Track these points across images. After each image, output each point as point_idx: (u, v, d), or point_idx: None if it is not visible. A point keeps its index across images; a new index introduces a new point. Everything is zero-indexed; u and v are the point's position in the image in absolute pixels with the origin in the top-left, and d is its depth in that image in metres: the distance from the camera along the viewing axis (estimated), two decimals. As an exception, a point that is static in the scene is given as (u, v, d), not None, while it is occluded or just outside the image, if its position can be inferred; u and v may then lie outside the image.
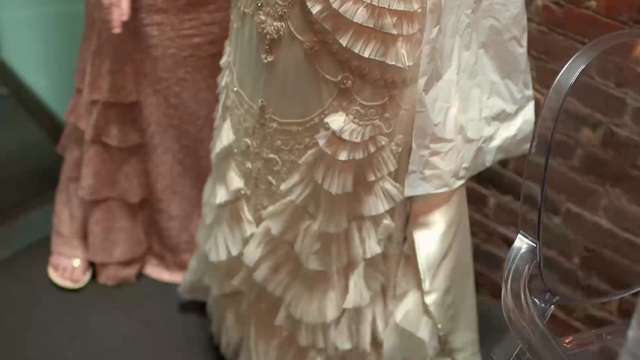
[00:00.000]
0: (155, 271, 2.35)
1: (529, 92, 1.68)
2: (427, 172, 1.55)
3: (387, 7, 1.39)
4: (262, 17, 1.47)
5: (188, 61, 2.03)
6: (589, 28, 1.92)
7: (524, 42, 1.63)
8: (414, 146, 1.52)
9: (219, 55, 2.00)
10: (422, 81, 1.47)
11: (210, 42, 2.01)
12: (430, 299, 1.67)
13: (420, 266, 1.64)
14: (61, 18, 2.66)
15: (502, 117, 1.65)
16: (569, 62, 1.37)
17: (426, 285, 1.66)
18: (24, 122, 2.85)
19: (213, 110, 2.09)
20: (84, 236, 2.29)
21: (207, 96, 2.08)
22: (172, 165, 2.17)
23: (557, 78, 1.56)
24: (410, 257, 1.68)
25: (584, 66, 1.47)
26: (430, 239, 1.64)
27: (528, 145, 1.61)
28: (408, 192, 1.56)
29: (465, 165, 1.59)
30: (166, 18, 1.96)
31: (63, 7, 2.11)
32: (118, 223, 2.24)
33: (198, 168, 2.20)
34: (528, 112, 1.69)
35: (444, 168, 1.56)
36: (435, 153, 1.54)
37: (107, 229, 2.24)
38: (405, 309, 1.68)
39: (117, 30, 1.87)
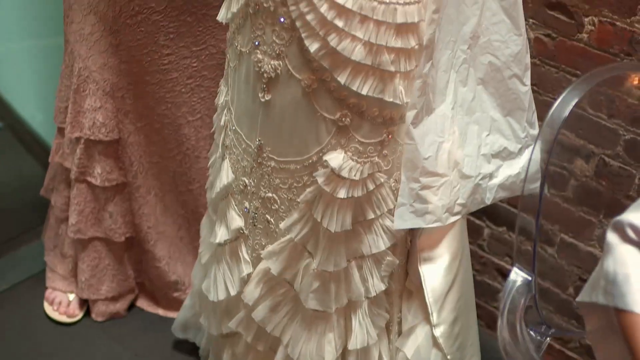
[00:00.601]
0: (150, 306, 2.35)
1: (534, 131, 1.68)
2: (418, 206, 1.55)
3: (384, 44, 1.40)
4: (259, 56, 1.48)
5: (168, 97, 2.03)
6: (580, 60, 1.94)
7: (527, 81, 1.62)
8: (403, 178, 1.53)
9: (198, 90, 2.02)
10: (410, 114, 1.47)
11: (189, 77, 2.02)
12: (438, 332, 1.67)
13: (427, 300, 1.64)
14: (57, 51, 2.67)
15: (504, 155, 1.65)
16: (562, 96, 1.39)
17: (434, 318, 1.66)
18: (20, 155, 2.85)
19: (191, 146, 2.10)
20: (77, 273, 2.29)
21: (186, 132, 2.08)
22: (155, 204, 2.17)
23: (550, 112, 1.58)
24: (415, 291, 1.68)
25: (576, 100, 1.49)
26: (435, 272, 1.64)
27: (533, 185, 1.62)
28: (397, 224, 1.56)
29: (460, 201, 1.60)
30: (146, 54, 1.97)
31: (59, 40, 2.11)
32: (105, 261, 2.23)
33: (177, 206, 2.20)
34: (534, 152, 1.67)
35: (436, 203, 1.56)
36: (426, 187, 1.54)
37: (93, 266, 2.23)
38: (416, 344, 1.68)
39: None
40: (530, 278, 1.61)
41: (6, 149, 2.90)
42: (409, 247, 1.67)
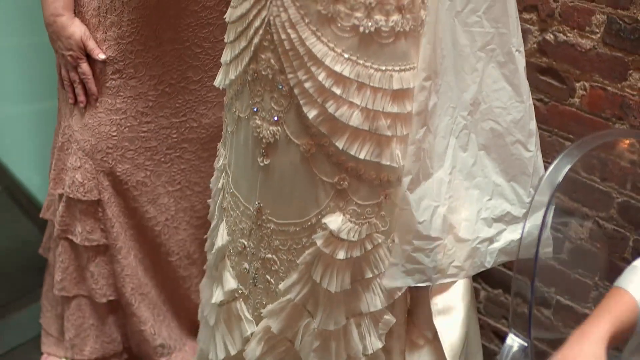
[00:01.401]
0: None
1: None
2: (409, 266, 1.56)
3: (381, 109, 1.43)
4: (258, 122, 1.50)
5: (147, 165, 2.05)
6: (573, 124, 1.97)
7: (531, 147, 1.63)
8: (396, 240, 1.54)
9: (178, 162, 2.03)
10: (406, 180, 1.49)
11: (168, 148, 2.04)
12: None
13: (446, 354, 1.63)
14: (54, 114, 2.70)
15: (507, 219, 1.65)
16: (555, 162, 1.41)
17: None
18: (17, 218, 2.86)
19: (171, 216, 2.10)
20: None
21: (165, 202, 2.08)
22: (136, 266, 2.16)
23: (544, 178, 1.60)
24: (425, 345, 1.66)
25: (569, 166, 1.51)
26: (452, 326, 1.63)
27: (547, 249, 1.63)
28: (386, 283, 1.57)
29: (456, 263, 1.60)
30: (125, 120, 1.99)
31: (56, 103, 2.15)
32: (89, 320, 2.22)
33: (158, 269, 2.20)
34: (538, 217, 1.66)
35: (427, 264, 1.56)
36: (418, 249, 1.55)
37: (77, 325, 2.22)
38: None
39: (82, 103, 1.95)
40: (526, 344, 1.61)
41: (3, 211, 2.91)
42: (408, 306, 1.67)
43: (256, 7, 1.45)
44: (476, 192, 1.62)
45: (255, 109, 1.51)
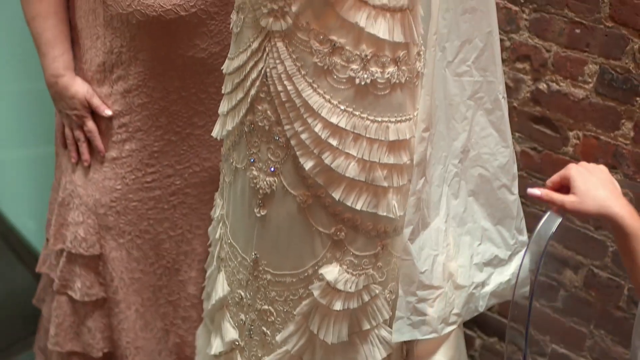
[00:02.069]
0: None
1: (523, 237, 1.72)
2: (415, 318, 1.56)
3: (377, 160, 1.44)
4: (255, 173, 1.51)
5: (150, 214, 2.03)
6: (566, 173, 1.99)
7: (515, 190, 1.67)
8: (400, 292, 1.55)
9: (180, 207, 2.03)
10: (407, 230, 1.50)
11: (172, 194, 2.03)
12: None
13: None
14: (50, 160, 2.71)
15: (495, 262, 1.68)
16: (547, 214, 1.42)
17: None
18: (12, 265, 2.85)
19: (172, 259, 2.08)
20: None
21: (167, 247, 2.07)
22: (135, 320, 2.13)
23: (537, 229, 1.61)
24: None
25: (560, 219, 1.52)
26: None
27: (523, 289, 1.64)
28: (395, 338, 1.57)
29: (455, 311, 1.61)
30: (130, 173, 1.97)
31: (53, 149, 2.15)
32: None
33: (157, 320, 2.17)
34: (524, 261, 1.70)
35: (432, 315, 1.57)
36: (422, 300, 1.56)
37: None
38: None
39: (86, 162, 1.94)
40: (522, 393, 1.61)
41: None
42: (404, 356, 1.67)
43: (253, 59, 1.46)
44: (468, 238, 1.64)
45: (252, 160, 1.52)
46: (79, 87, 1.91)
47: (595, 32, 1.89)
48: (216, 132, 1.62)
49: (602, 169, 1.35)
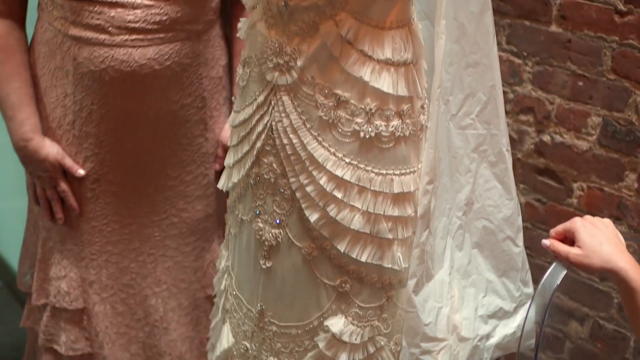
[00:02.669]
0: None
1: (528, 289, 1.71)
2: None
3: (382, 213, 1.45)
4: (260, 225, 1.52)
5: (132, 267, 2.01)
6: (571, 224, 1.99)
7: (520, 242, 1.67)
8: (404, 344, 1.54)
9: (162, 260, 2.01)
10: (411, 282, 1.51)
11: (152, 247, 2.00)
12: None
13: None
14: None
15: (500, 315, 1.67)
16: (552, 266, 1.42)
17: None
18: (18, 314, 2.84)
19: (160, 317, 2.04)
20: None
21: (153, 303, 2.04)
22: None
23: (543, 281, 1.61)
24: None
25: (565, 272, 1.52)
26: None
27: (529, 342, 1.64)
28: None
29: None
30: (106, 225, 1.96)
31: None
32: None
33: None
34: (530, 312, 1.70)
35: None
36: (426, 352, 1.55)
37: None
38: None
39: (61, 220, 1.92)
40: None
41: (3, 307, 2.90)
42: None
43: (259, 113, 1.48)
44: (472, 291, 1.64)
45: (257, 212, 1.53)
46: (49, 149, 1.88)
47: (598, 84, 1.91)
48: (222, 184, 1.63)
49: (606, 223, 1.36)
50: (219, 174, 1.99)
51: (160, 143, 1.90)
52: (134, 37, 1.78)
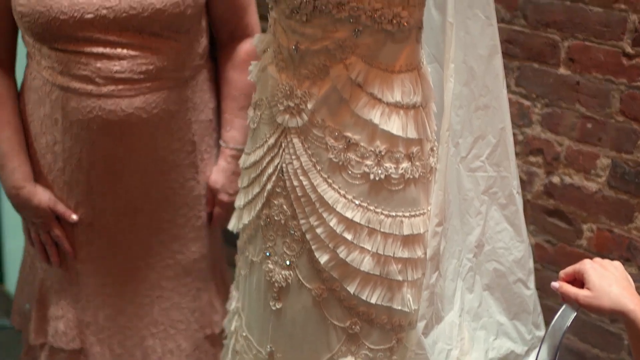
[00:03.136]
0: None
1: (540, 332, 1.71)
2: None
3: (392, 255, 1.46)
4: (270, 266, 1.53)
5: (129, 309, 2.00)
6: (581, 265, 1.99)
7: (531, 284, 1.67)
8: None
9: (159, 302, 1.99)
10: (421, 324, 1.50)
11: (148, 289, 2.00)
12: None
13: None
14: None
15: (511, 358, 1.67)
16: (562, 307, 1.42)
17: None
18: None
19: (158, 358, 2.03)
20: None
21: (151, 344, 2.03)
22: None
23: (553, 322, 1.60)
24: None
25: (575, 313, 1.52)
26: None
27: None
28: None
29: None
30: (101, 266, 1.95)
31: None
32: None
33: None
34: (540, 354, 1.69)
35: None
36: None
37: None
38: None
39: (56, 264, 1.93)
40: None
41: (12, 347, 2.89)
42: None
43: (269, 155, 1.50)
44: (482, 333, 1.64)
45: (267, 253, 1.53)
46: (41, 196, 1.89)
47: (607, 126, 1.92)
48: (232, 225, 1.64)
49: (616, 265, 1.36)
50: (211, 214, 2.01)
51: (152, 187, 1.91)
52: (120, 87, 1.78)
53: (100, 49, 1.76)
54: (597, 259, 1.37)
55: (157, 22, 1.77)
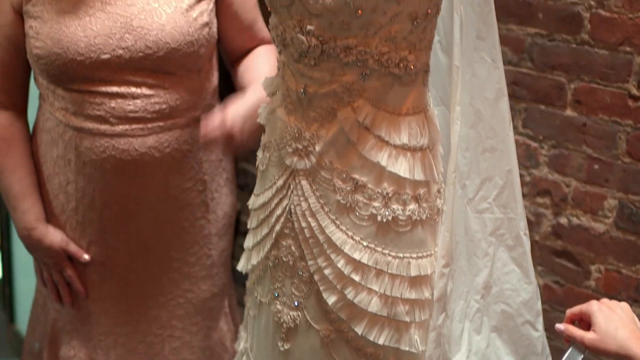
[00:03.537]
0: None
1: None
2: None
3: (399, 296, 1.46)
4: (279, 307, 1.53)
5: (140, 348, 2.00)
6: (589, 306, 1.99)
7: (539, 326, 1.67)
8: None
9: (169, 341, 1.99)
10: None
11: (159, 328, 2.01)
12: None
13: None
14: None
15: None
16: (569, 350, 1.42)
17: None
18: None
19: None
20: None
21: None
22: None
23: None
24: None
25: (582, 356, 1.52)
26: None
27: None
28: None
29: None
30: (113, 306, 1.96)
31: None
32: None
33: None
34: None
35: None
36: None
37: None
38: None
39: (68, 304, 1.94)
40: None
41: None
42: None
43: (278, 196, 1.51)
44: None
45: (276, 294, 1.54)
46: (53, 237, 1.90)
47: (614, 167, 1.93)
48: (241, 266, 1.65)
49: (623, 307, 1.36)
50: (219, 245, 2.01)
51: (163, 226, 1.92)
52: (134, 126, 1.81)
53: (115, 89, 1.79)
54: (604, 300, 1.37)
55: (172, 61, 1.80)
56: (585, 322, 1.38)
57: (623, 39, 1.87)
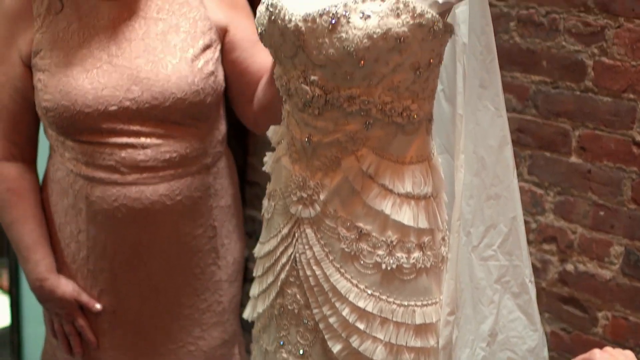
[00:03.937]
0: None
1: None
2: None
3: (404, 344, 1.46)
4: (284, 355, 1.54)
5: None
6: (597, 354, 1.98)
7: None
8: None
9: None
10: None
11: None
12: None
13: None
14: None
15: None
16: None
17: None
18: None
19: None
20: None
21: None
22: None
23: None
24: None
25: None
26: None
27: None
28: None
29: None
30: (123, 355, 1.95)
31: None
32: None
33: None
34: None
35: None
36: None
37: None
38: None
39: (79, 354, 1.93)
40: None
41: None
42: None
43: (283, 245, 1.52)
44: None
45: (281, 343, 1.54)
46: (65, 288, 1.90)
47: (619, 214, 1.93)
48: (247, 314, 1.65)
49: (627, 355, 1.36)
50: (230, 291, 2.00)
51: (173, 273, 1.92)
52: (145, 175, 1.81)
53: (124, 139, 1.80)
54: (607, 349, 1.37)
55: (179, 111, 1.81)
56: None
57: (626, 86, 1.89)
